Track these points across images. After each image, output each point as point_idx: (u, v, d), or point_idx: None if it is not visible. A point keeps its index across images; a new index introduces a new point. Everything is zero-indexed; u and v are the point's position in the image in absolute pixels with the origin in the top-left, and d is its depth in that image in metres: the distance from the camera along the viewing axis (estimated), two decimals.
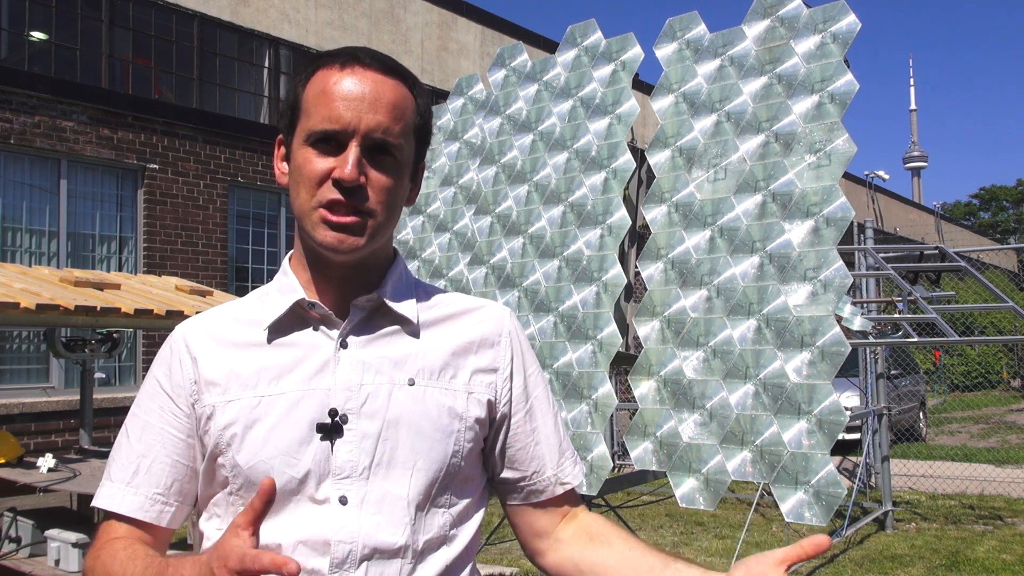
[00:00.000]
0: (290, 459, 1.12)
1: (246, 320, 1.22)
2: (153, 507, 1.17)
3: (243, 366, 1.17)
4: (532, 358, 1.31)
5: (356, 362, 1.17)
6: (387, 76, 1.16)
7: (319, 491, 1.12)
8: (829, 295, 2.58)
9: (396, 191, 1.17)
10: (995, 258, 25.15)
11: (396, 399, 1.16)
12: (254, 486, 1.11)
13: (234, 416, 1.14)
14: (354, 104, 1.12)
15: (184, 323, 1.25)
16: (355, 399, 1.14)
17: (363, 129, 1.12)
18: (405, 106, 1.16)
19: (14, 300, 3.22)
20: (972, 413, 17.83)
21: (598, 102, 3.45)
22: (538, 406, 1.29)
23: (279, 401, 1.14)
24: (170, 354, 1.22)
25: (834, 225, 2.63)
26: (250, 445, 1.13)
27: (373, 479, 1.13)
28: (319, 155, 1.13)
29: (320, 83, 1.15)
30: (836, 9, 2.85)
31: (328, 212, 1.12)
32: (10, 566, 3.42)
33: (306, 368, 1.16)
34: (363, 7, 11.86)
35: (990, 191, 54.78)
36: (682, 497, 2.67)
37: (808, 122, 2.79)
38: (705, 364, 2.78)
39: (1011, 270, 25.02)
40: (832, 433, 2.48)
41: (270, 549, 1.11)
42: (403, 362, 1.18)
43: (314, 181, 1.12)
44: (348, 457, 1.13)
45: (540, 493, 1.28)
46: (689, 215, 2.98)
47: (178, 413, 1.19)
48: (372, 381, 1.16)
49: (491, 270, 3.53)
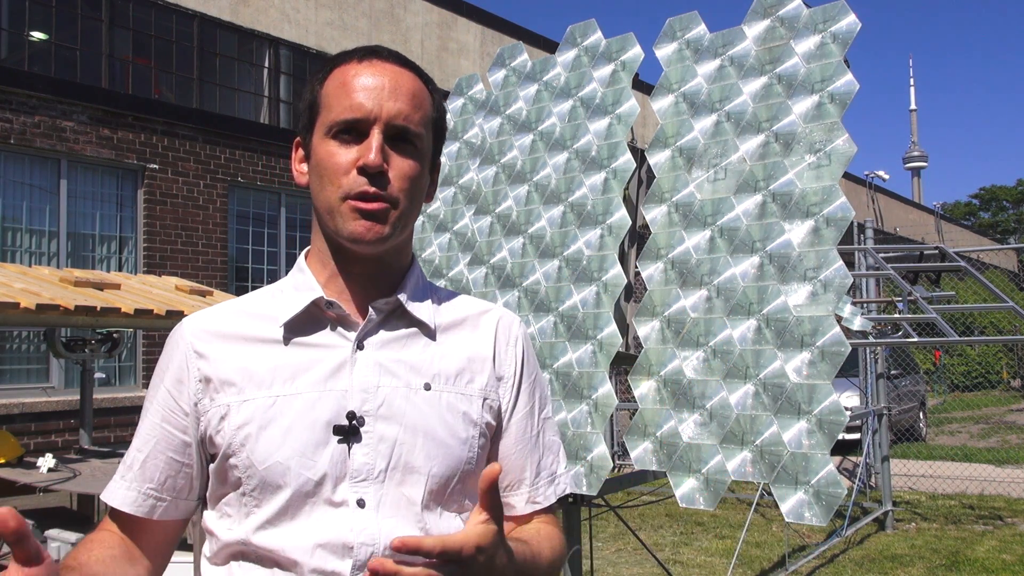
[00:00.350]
0: (306, 460, 1.11)
1: (258, 315, 1.20)
2: (146, 502, 1.17)
3: (257, 364, 1.16)
4: (533, 367, 1.30)
5: (373, 364, 1.16)
6: (405, 68, 1.18)
7: (336, 493, 1.11)
8: (829, 295, 2.58)
9: (417, 181, 1.17)
10: (995, 258, 25.15)
11: (412, 403, 1.15)
12: (269, 487, 1.11)
13: (249, 416, 1.13)
14: (375, 93, 1.13)
15: (189, 317, 1.23)
16: (372, 401, 1.14)
17: (385, 116, 1.13)
18: (423, 96, 1.18)
19: (14, 300, 3.22)
20: (972, 413, 17.83)
21: (598, 102, 3.45)
22: (528, 421, 1.27)
23: (295, 401, 1.13)
24: (174, 350, 1.20)
25: (834, 225, 2.63)
26: (265, 446, 1.12)
27: (389, 482, 1.12)
28: (341, 146, 1.13)
29: (339, 77, 1.16)
30: (836, 9, 2.85)
31: (359, 201, 1.12)
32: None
33: (322, 368, 1.15)
34: (363, 7, 11.86)
35: (990, 191, 54.78)
36: (682, 497, 2.67)
37: (808, 122, 2.79)
38: (705, 364, 2.78)
39: (1011, 270, 25.02)
40: (832, 433, 2.48)
41: (286, 553, 1.11)
42: (419, 366, 1.18)
43: (339, 172, 1.13)
44: (365, 460, 1.12)
45: (512, 507, 1.26)
46: (689, 215, 2.98)
47: (176, 410, 1.18)
48: (389, 384, 1.15)
49: (491, 270, 3.53)
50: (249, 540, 1.12)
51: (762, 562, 6.17)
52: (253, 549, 1.12)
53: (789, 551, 6.20)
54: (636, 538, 4.91)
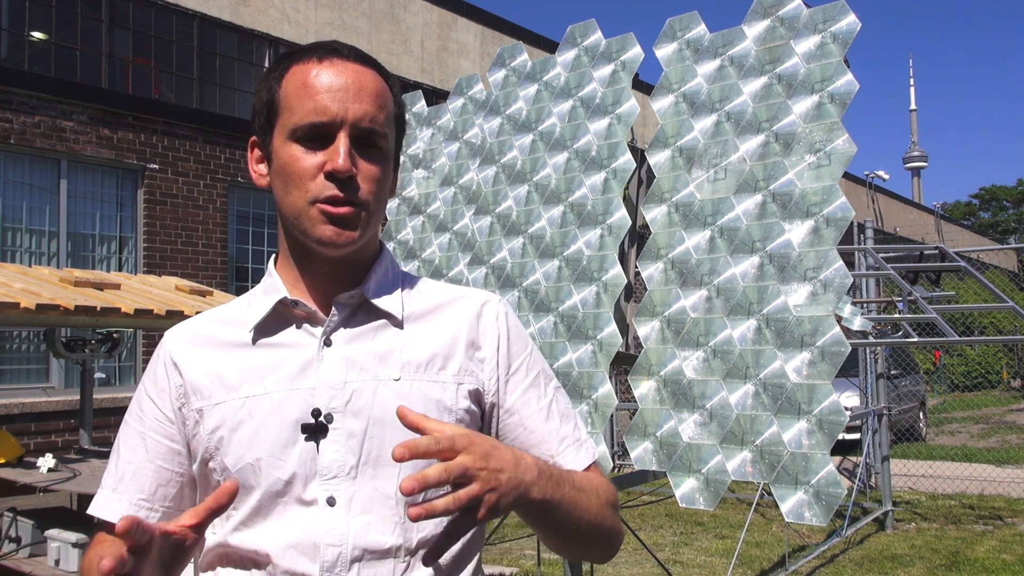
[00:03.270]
0: (275, 460, 1.11)
1: (230, 321, 1.21)
2: (138, 513, 1.16)
3: (228, 368, 1.16)
4: (522, 345, 1.25)
5: (340, 359, 1.15)
6: (366, 67, 1.15)
7: (306, 492, 1.10)
8: (829, 295, 2.58)
9: (384, 182, 1.16)
10: (995, 258, 25.13)
11: (381, 395, 1.13)
12: (243, 488, 1.11)
13: (220, 419, 1.14)
14: (339, 95, 1.11)
15: (170, 329, 1.25)
16: (339, 397, 1.13)
17: (351, 119, 1.10)
18: (386, 95, 1.16)
19: (14, 300, 3.22)
20: (972, 413, 17.83)
21: (598, 102, 3.45)
22: (531, 393, 1.23)
23: (263, 401, 1.13)
24: (155, 360, 1.23)
25: (834, 225, 2.63)
26: (236, 447, 1.12)
27: (361, 478, 1.11)
28: (306, 151, 1.11)
29: (299, 77, 1.13)
30: (836, 9, 2.85)
31: (328, 205, 1.10)
32: (10, 566, 3.42)
33: (289, 367, 1.15)
34: (363, 7, 11.86)
35: (990, 191, 54.78)
36: (682, 497, 2.67)
37: (808, 122, 2.79)
38: (705, 364, 2.78)
39: (1011, 270, 25.01)
40: (832, 433, 2.48)
41: (260, 554, 1.11)
42: (388, 357, 1.16)
43: (306, 177, 1.11)
44: (334, 457, 1.11)
45: None
46: (689, 215, 2.98)
47: (161, 418, 1.18)
48: (357, 378, 1.14)
49: (491, 270, 3.53)
50: (227, 542, 1.14)
51: (762, 562, 6.17)
52: (232, 551, 1.14)
53: (789, 551, 6.20)
54: (636, 538, 4.90)
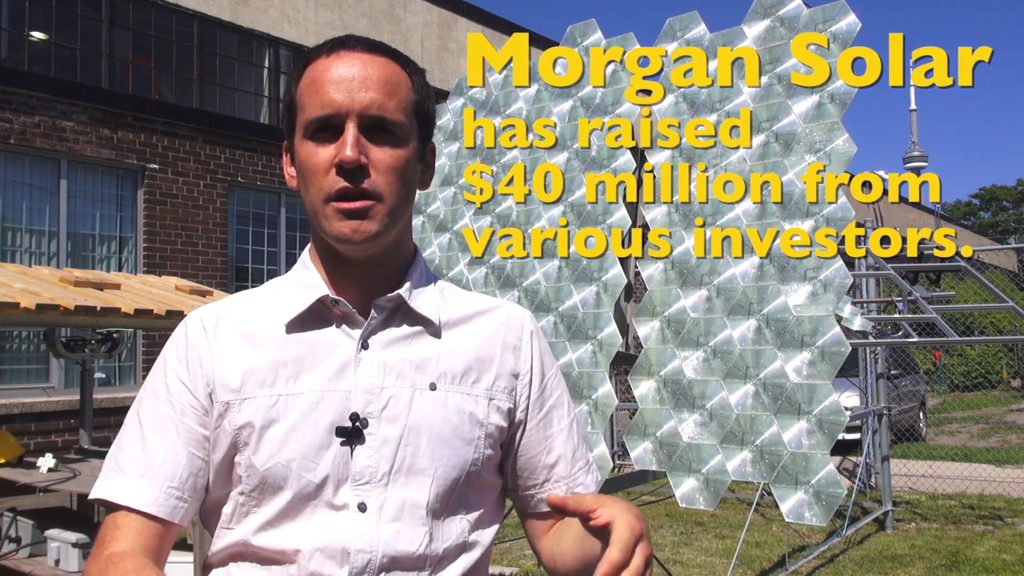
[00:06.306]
0: (308, 463, 1.08)
1: (264, 311, 1.17)
2: (168, 501, 1.10)
3: (259, 361, 1.12)
4: (551, 361, 1.27)
5: (377, 364, 1.13)
6: (375, 55, 1.13)
7: (337, 496, 1.08)
8: (829, 295, 2.58)
9: (403, 171, 1.12)
10: (995, 258, 25.14)
11: (417, 404, 1.12)
12: (269, 488, 1.09)
13: (250, 415, 1.10)
14: (344, 85, 1.09)
15: (200, 309, 1.20)
16: (376, 403, 1.11)
17: (357, 108, 1.09)
18: (398, 82, 1.13)
19: (14, 300, 3.22)
20: (972, 413, 17.82)
21: (598, 102, 3.45)
22: (554, 413, 1.23)
23: (298, 401, 1.10)
24: (186, 341, 1.16)
25: (834, 225, 2.63)
26: (267, 446, 1.09)
27: (392, 486, 1.10)
28: (319, 146, 1.10)
29: (309, 75, 1.13)
30: (836, 9, 2.85)
31: (340, 202, 1.08)
32: (10, 566, 3.42)
33: (326, 368, 1.12)
34: (363, 7, 11.86)
35: (990, 191, 54.75)
36: (682, 497, 2.68)
37: (808, 122, 2.79)
38: (705, 364, 2.78)
39: (1011, 270, 25.00)
40: (832, 433, 2.48)
41: (285, 555, 1.08)
42: (425, 365, 1.15)
43: (319, 173, 1.09)
44: (368, 463, 1.09)
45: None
46: (689, 215, 2.98)
47: (195, 404, 1.13)
48: (393, 384, 1.12)
49: (491, 270, 3.53)
50: (249, 541, 1.10)
51: (762, 562, 6.17)
52: (253, 550, 1.11)
53: (789, 551, 6.19)
54: None
